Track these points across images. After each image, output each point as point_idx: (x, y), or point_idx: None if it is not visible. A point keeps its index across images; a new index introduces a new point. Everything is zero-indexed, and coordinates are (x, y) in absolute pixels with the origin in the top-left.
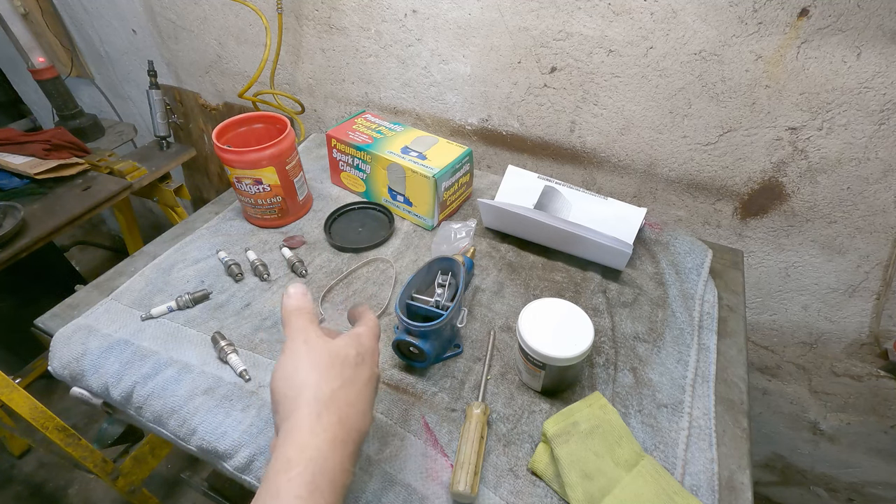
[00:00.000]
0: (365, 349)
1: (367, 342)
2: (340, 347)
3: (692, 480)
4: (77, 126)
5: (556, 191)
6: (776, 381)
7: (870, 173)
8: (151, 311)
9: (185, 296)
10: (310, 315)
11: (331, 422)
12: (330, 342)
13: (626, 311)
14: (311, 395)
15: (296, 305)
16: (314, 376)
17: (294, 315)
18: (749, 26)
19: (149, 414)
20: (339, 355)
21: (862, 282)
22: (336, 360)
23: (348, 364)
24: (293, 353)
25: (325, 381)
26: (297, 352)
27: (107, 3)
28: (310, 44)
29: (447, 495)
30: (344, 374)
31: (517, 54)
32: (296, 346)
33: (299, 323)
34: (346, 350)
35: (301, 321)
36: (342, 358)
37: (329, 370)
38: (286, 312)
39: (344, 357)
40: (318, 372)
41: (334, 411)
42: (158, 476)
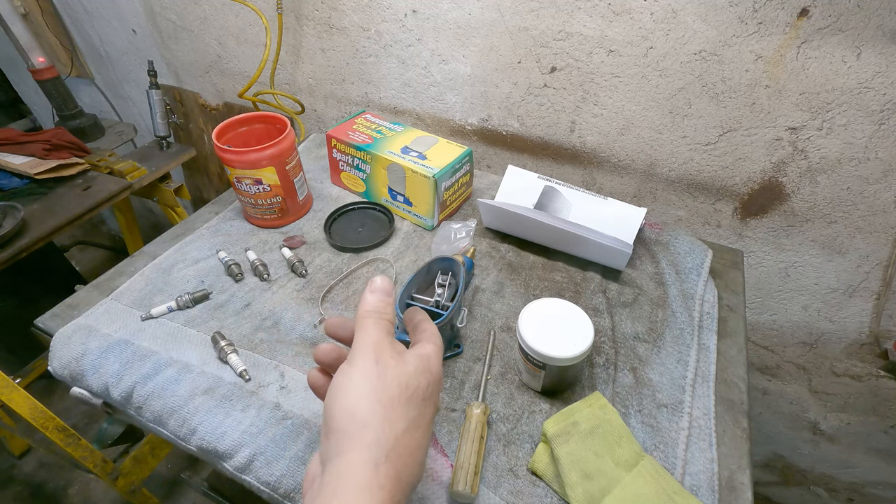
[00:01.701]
0: (434, 377)
1: (436, 367)
2: (412, 376)
3: (692, 480)
4: (77, 126)
5: (556, 191)
6: (776, 381)
7: (870, 173)
8: (151, 311)
9: (185, 296)
10: (389, 323)
11: (388, 476)
12: (402, 366)
13: (626, 311)
14: (372, 438)
15: (375, 307)
16: (380, 414)
17: (371, 320)
18: (749, 26)
19: (149, 414)
20: (411, 387)
21: (862, 282)
22: (405, 394)
23: (417, 399)
24: (361, 375)
25: (390, 422)
26: (366, 375)
27: (107, 3)
28: (310, 44)
29: (447, 495)
30: (410, 413)
31: (517, 54)
32: (366, 366)
33: (375, 333)
34: (417, 380)
35: (377, 331)
36: (412, 391)
37: (396, 407)
38: (362, 313)
39: (414, 390)
40: (385, 409)
41: (394, 463)
42: (158, 476)
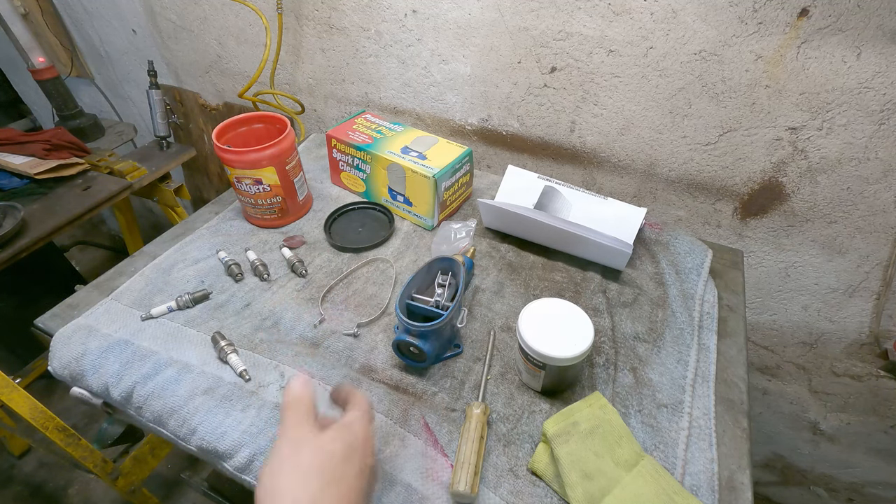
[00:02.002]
0: (356, 439)
1: (359, 430)
2: (326, 443)
3: (692, 480)
4: (77, 126)
5: (556, 191)
6: (776, 381)
7: (870, 173)
8: (151, 312)
9: (185, 296)
10: (306, 408)
11: None
12: (318, 438)
13: (626, 311)
14: (289, 500)
15: (294, 397)
16: (293, 481)
17: (289, 409)
18: (749, 26)
19: (149, 414)
20: (324, 452)
21: (862, 282)
22: (318, 459)
23: (333, 461)
24: (277, 455)
25: (303, 485)
26: (280, 454)
27: (107, 3)
28: (310, 44)
29: (447, 495)
30: (326, 474)
31: (517, 54)
32: (281, 447)
33: (292, 419)
34: (331, 446)
35: (295, 417)
36: (327, 455)
37: (309, 472)
38: (283, 405)
39: (329, 454)
40: (298, 476)
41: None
42: (158, 476)
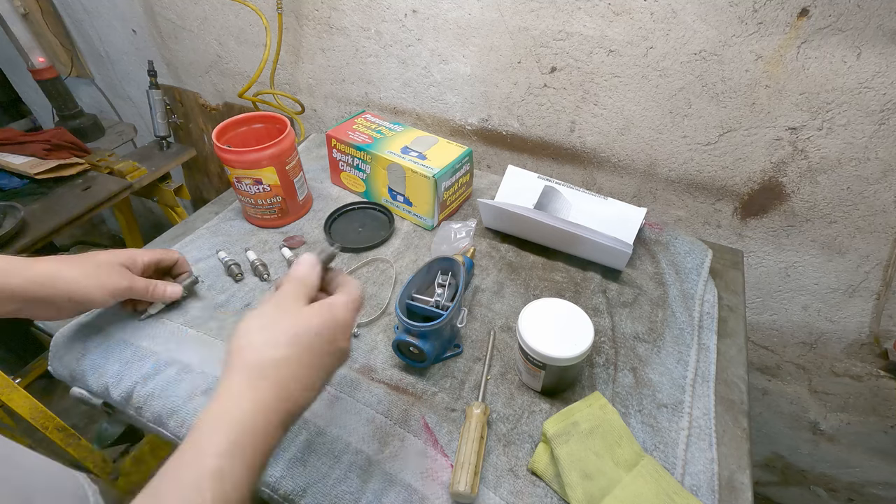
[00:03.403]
0: (334, 321)
1: (340, 314)
2: (304, 316)
3: (692, 480)
4: (77, 126)
5: (556, 191)
6: (776, 381)
7: (870, 173)
8: (149, 310)
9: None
10: (305, 288)
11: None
12: (298, 311)
13: (626, 311)
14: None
15: (297, 275)
16: (261, 339)
17: (289, 283)
18: (749, 26)
19: (149, 414)
20: (299, 323)
21: (862, 282)
22: (293, 328)
23: (306, 334)
24: (258, 314)
25: (270, 346)
26: (260, 313)
27: (107, 3)
28: (310, 44)
29: (447, 495)
30: (294, 344)
31: (517, 54)
32: (264, 307)
33: (287, 289)
34: (308, 319)
35: (290, 289)
36: (302, 327)
37: (279, 336)
38: (285, 278)
39: (304, 326)
40: (267, 335)
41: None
42: None
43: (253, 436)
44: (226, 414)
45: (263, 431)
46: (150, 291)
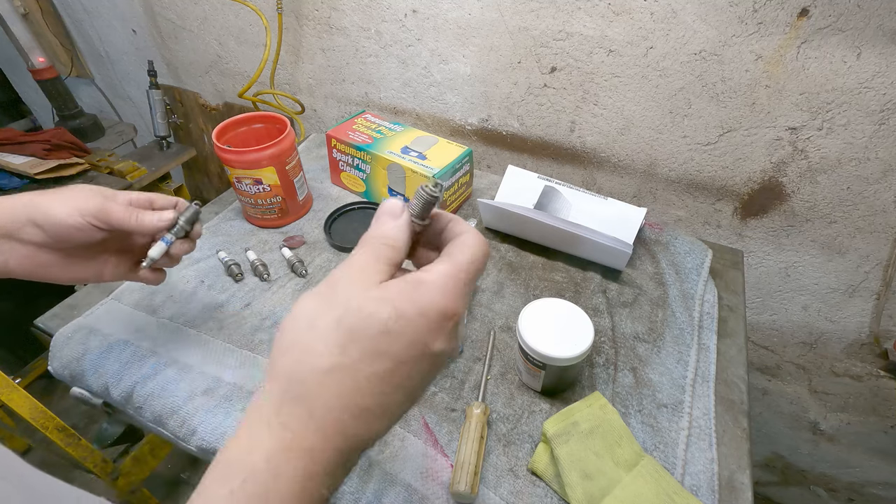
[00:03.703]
0: (419, 310)
1: (433, 298)
2: (369, 301)
3: (692, 480)
4: (77, 126)
5: (556, 191)
6: (776, 381)
7: (870, 173)
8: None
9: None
10: (387, 250)
11: (295, 421)
12: (364, 289)
13: (626, 311)
14: (287, 366)
15: (377, 232)
16: (304, 341)
17: (365, 243)
18: (749, 26)
19: (149, 414)
20: (360, 314)
21: (862, 282)
22: (347, 320)
23: (366, 331)
24: (310, 297)
25: (311, 353)
26: (313, 297)
27: (107, 3)
28: (310, 44)
29: (447, 495)
30: (349, 346)
31: (517, 54)
32: (320, 289)
33: (359, 258)
34: (374, 307)
35: (363, 254)
36: (361, 321)
37: (328, 333)
38: (363, 238)
39: (365, 320)
40: (312, 336)
41: (309, 408)
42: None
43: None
44: (245, 456)
45: (292, 481)
46: (133, 218)
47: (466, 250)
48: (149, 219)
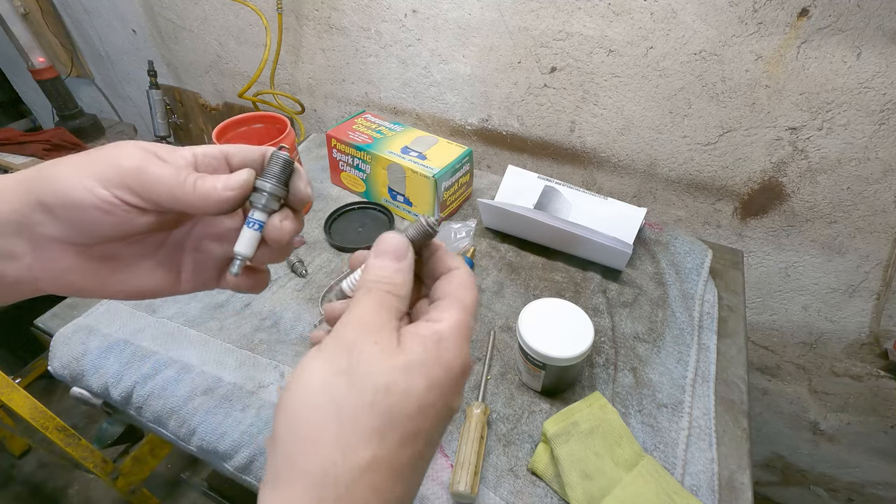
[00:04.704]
0: (447, 371)
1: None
2: (399, 374)
3: (692, 480)
4: (77, 126)
5: (556, 191)
6: (776, 381)
7: (870, 173)
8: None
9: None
10: (392, 297)
11: None
12: (386, 359)
13: (626, 311)
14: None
15: (377, 276)
16: (334, 433)
17: (362, 291)
18: (749, 26)
19: (149, 414)
20: (395, 392)
21: (862, 282)
22: (383, 403)
23: (407, 411)
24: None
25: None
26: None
27: (107, 3)
28: (310, 44)
29: (447, 495)
30: (389, 436)
31: (517, 54)
32: (333, 356)
33: (363, 309)
34: (408, 381)
35: (367, 307)
36: (397, 397)
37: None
38: (362, 278)
39: (401, 396)
40: (344, 426)
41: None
42: (158, 476)
43: None
44: None
45: None
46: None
47: (469, 291)
48: (210, 187)
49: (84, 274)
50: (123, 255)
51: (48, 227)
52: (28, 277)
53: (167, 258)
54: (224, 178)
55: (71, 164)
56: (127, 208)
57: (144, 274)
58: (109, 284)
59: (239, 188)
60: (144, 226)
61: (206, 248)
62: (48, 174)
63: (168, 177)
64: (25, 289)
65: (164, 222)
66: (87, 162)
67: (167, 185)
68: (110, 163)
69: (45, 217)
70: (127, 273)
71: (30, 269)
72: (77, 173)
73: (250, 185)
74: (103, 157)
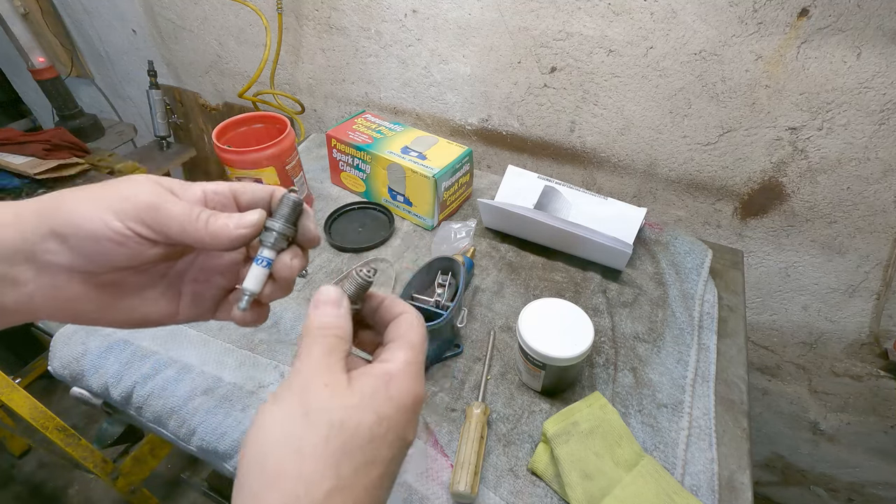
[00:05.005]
0: (396, 407)
1: (404, 391)
2: (353, 409)
3: (692, 480)
4: (77, 126)
5: (556, 191)
6: (776, 381)
7: (870, 173)
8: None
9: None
10: (337, 339)
11: None
12: (339, 397)
13: (626, 311)
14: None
15: (321, 324)
16: (294, 469)
17: (309, 339)
18: (749, 26)
19: (149, 414)
20: (348, 426)
21: (862, 282)
22: (339, 438)
23: (358, 442)
24: (280, 413)
25: (308, 481)
26: (284, 413)
27: (107, 3)
28: (310, 44)
29: (447, 495)
30: (345, 463)
31: (517, 54)
32: (288, 400)
33: (313, 357)
34: (360, 416)
35: (315, 353)
36: (351, 431)
37: (320, 458)
38: (304, 329)
39: (354, 430)
40: (303, 461)
41: None
42: (158, 476)
43: None
44: None
45: None
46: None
47: (417, 331)
48: (222, 225)
49: (87, 302)
50: (128, 284)
51: (59, 255)
52: (27, 306)
53: (169, 288)
54: (236, 218)
55: (87, 196)
56: (139, 240)
57: (146, 303)
58: (111, 312)
59: (251, 227)
60: (153, 257)
61: (207, 280)
62: (63, 204)
63: (180, 214)
64: (21, 317)
65: (171, 253)
66: (103, 194)
67: (179, 221)
68: (126, 196)
69: (58, 246)
70: (129, 301)
71: (31, 296)
72: (93, 205)
73: (261, 226)
74: (119, 191)
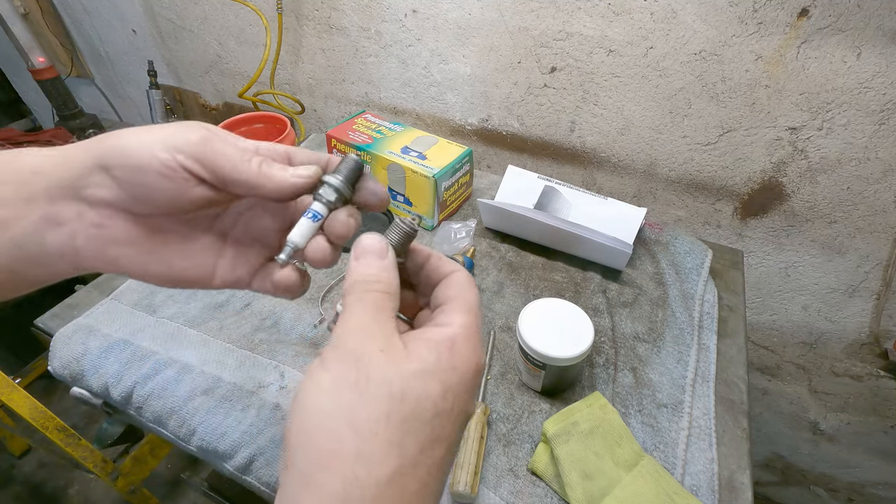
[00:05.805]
0: (462, 374)
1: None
2: (414, 380)
3: (692, 480)
4: (77, 126)
5: (556, 191)
6: (776, 381)
7: (870, 173)
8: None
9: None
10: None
11: None
12: (398, 364)
13: (626, 311)
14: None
15: (362, 277)
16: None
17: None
18: (749, 26)
19: (149, 414)
20: (410, 399)
21: (862, 282)
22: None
23: (423, 417)
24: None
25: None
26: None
27: (107, 3)
28: (310, 44)
29: (447, 495)
30: (409, 441)
31: (517, 54)
32: (340, 369)
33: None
34: (424, 386)
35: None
36: (414, 404)
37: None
38: (345, 289)
39: (417, 402)
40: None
41: None
42: (158, 476)
43: None
44: None
45: None
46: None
47: (473, 292)
48: (277, 170)
49: (129, 245)
50: (171, 232)
51: (103, 189)
52: (70, 248)
53: (211, 245)
54: (292, 168)
55: (137, 130)
56: (186, 176)
57: (187, 256)
58: (151, 262)
59: (307, 177)
60: (198, 198)
61: (250, 243)
62: (112, 137)
63: (233, 154)
64: (64, 264)
65: (217, 199)
66: (154, 129)
67: (232, 160)
68: (177, 131)
69: (103, 178)
70: (171, 250)
71: (73, 237)
72: (143, 137)
73: (317, 178)
74: (171, 127)
